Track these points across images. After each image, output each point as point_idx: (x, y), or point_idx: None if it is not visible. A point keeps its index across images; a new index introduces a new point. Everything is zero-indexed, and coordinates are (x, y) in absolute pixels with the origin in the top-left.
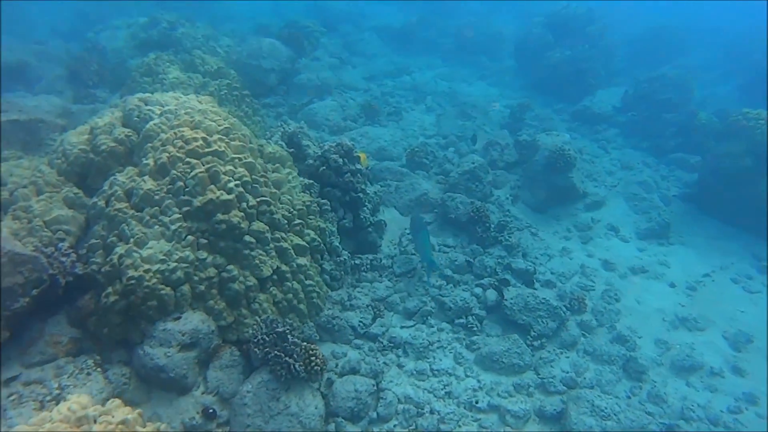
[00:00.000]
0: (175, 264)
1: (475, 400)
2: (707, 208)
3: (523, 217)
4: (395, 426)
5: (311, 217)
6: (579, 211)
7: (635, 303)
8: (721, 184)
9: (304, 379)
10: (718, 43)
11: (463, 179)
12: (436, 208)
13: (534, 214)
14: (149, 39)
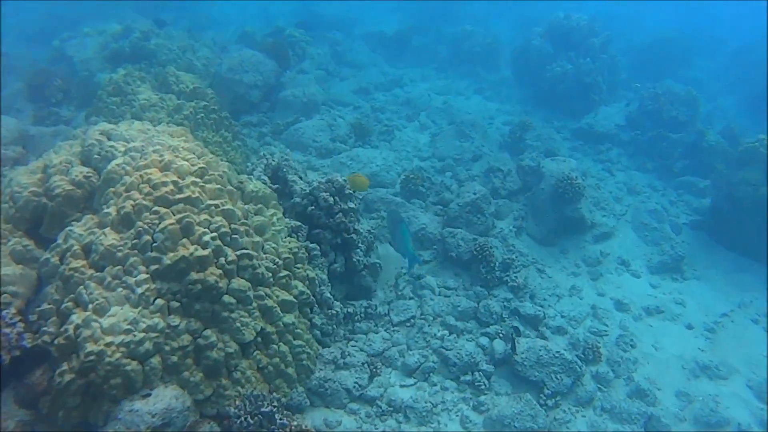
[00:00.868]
0: (142, 334)
1: None
2: (721, 237)
3: (529, 251)
4: None
5: (299, 266)
6: (587, 244)
7: (652, 349)
8: (737, 213)
9: None
10: (723, 52)
11: (463, 212)
12: (435, 245)
13: (540, 247)
14: (121, 50)
